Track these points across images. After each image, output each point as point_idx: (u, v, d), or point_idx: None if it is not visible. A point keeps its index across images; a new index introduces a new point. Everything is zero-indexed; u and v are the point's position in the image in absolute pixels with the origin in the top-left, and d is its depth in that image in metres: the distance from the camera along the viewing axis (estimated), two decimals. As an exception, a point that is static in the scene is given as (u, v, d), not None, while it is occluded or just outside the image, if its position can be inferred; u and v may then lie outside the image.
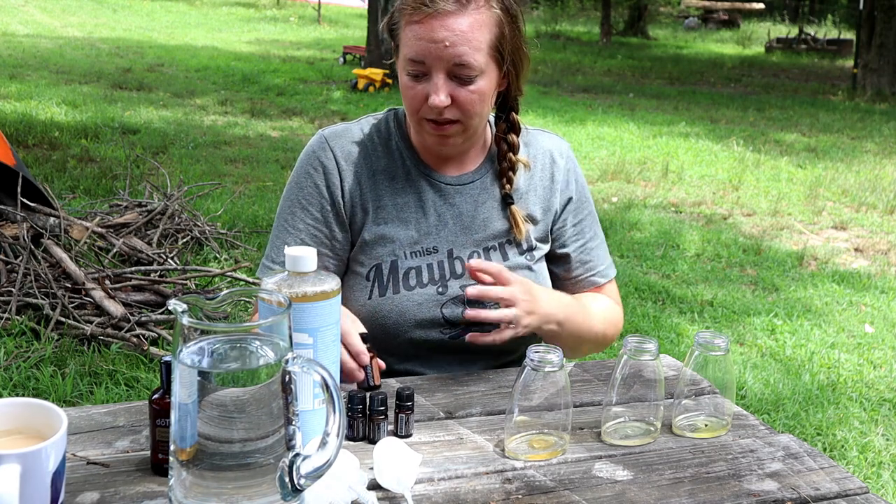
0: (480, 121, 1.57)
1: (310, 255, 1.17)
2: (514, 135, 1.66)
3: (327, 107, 10.39)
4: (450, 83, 1.50)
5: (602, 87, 13.93)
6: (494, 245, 1.64)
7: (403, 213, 1.61)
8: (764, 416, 3.35)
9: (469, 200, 1.64)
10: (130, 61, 13.36)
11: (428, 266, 1.60)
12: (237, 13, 23.65)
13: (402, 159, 1.64)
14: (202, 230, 4.76)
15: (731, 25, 27.29)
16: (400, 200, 1.62)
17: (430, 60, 1.48)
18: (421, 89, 1.51)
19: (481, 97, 1.52)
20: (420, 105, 1.52)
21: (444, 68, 1.48)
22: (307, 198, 1.61)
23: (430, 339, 1.58)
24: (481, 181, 1.66)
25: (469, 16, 1.48)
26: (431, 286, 1.59)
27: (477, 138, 1.65)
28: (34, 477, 0.90)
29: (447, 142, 1.57)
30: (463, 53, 1.47)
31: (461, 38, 1.47)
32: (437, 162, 1.65)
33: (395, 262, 1.59)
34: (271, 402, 0.96)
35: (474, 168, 1.66)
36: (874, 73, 14.56)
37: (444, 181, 1.64)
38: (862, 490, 1.21)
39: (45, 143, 7.39)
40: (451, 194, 1.63)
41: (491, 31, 1.50)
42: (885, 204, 7.02)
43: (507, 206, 1.65)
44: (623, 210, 6.42)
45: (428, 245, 1.61)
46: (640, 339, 1.29)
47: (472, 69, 1.49)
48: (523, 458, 1.23)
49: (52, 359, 3.31)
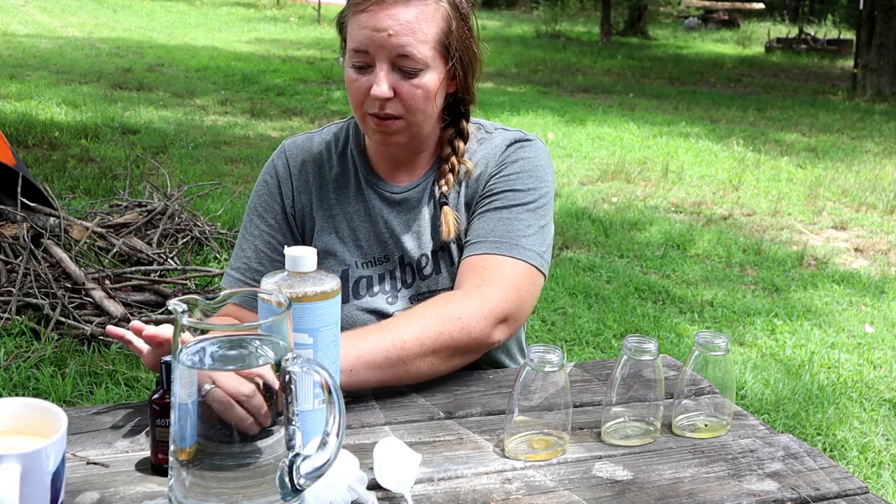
0: (425, 119, 1.53)
1: (309, 255, 1.17)
2: (462, 141, 1.61)
3: (327, 107, 10.39)
4: (392, 75, 1.47)
5: (602, 87, 13.93)
6: (443, 247, 1.61)
7: (353, 222, 1.61)
8: (764, 416, 3.35)
9: (417, 207, 1.61)
10: (130, 61, 13.36)
11: (380, 276, 1.60)
12: (237, 13, 23.65)
13: (354, 168, 1.64)
14: (202, 230, 4.76)
15: (731, 25, 27.28)
16: (350, 209, 1.62)
17: (374, 49, 1.46)
18: (364, 81, 1.48)
19: (425, 93, 1.49)
20: (363, 98, 1.49)
21: (387, 58, 1.46)
22: (263, 205, 1.63)
23: None
24: (424, 185, 1.62)
25: (415, 7, 1.46)
26: (382, 295, 1.59)
27: (425, 141, 1.61)
28: (34, 477, 0.90)
29: (390, 140, 1.53)
30: (406, 44, 1.45)
31: (406, 28, 1.45)
32: (389, 169, 1.63)
33: (346, 271, 1.59)
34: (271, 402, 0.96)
35: (422, 174, 1.63)
36: (874, 73, 14.56)
37: (391, 191, 1.62)
38: (862, 490, 1.21)
39: (45, 143, 7.39)
40: (397, 202, 1.62)
41: (437, 25, 1.48)
42: (885, 204, 7.02)
43: (441, 206, 1.60)
44: (623, 210, 6.42)
45: (379, 254, 1.61)
46: (640, 339, 1.29)
47: (415, 61, 1.46)
48: (523, 458, 1.23)
49: (52, 359, 3.31)
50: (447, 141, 1.62)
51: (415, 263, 1.61)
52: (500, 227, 1.52)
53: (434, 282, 1.60)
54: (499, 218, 1.54)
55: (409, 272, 1.61)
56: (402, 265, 1.61)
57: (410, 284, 1.60)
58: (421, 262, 1.60)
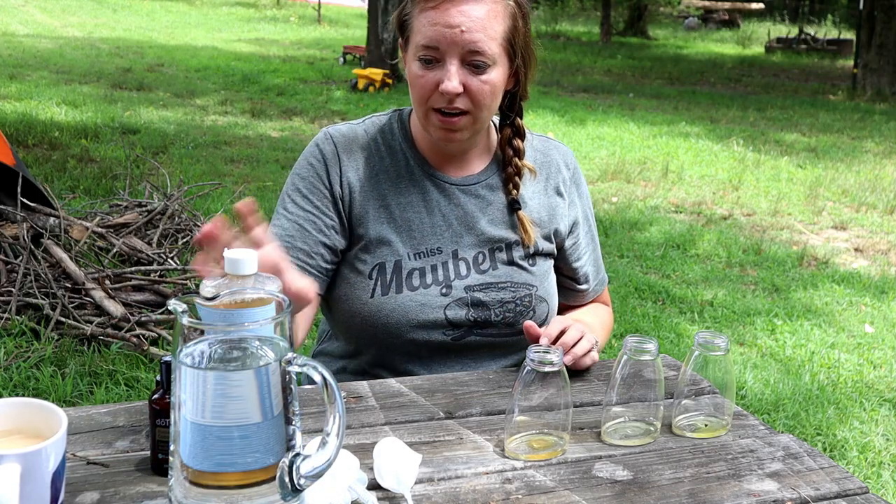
0: (488, 115, 1.55)
1: (250, 257, 1.08)
2: (520, 139, 1.64)
3: (327, 107, 10.39)
4: (462, 71, 1.48)
5: (602, 87, 13.93)
6: (500, 246, 1.62)
7: (407, 212, 1.60)
8: (764, 416, 3.35)
9: (474, 202, 1.62)
10: (130, 61, 13.36)
11: (432, 267, 1.59)
12: (237, 13, 23.65)
13: (405, 159, 1.62)
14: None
15: (731, 25, 27.29)
16: (403, 200, 1.60)
17: (445, 46, 1.47)
18: (432, 76, 1.49)
19: (492, 89, 1.51)
20: (429, 94, 1.50)
21: (458, 54, 1.47)
22: (308, 187, 1.59)
23: (432, 341, 1.58)
24: (487, 182, 1.64)
25: (486, 3, 1.48)
26: (435, 287, 1.58)
27: (480, 137, 1.63)
28: (34, 477, 0.90)
29: (454, 136, 1.54)
30: (478, 40, 1.46)
31: (478, 25, 1.46)
32: (441, 163, 1.63)
33: (399, 262, 1.57)
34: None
35: (479, 171, 1.65)
36: (874, 73, 14.57)
37: (449, 181, 1.62)
38: (862, 490, 1.21)
39: (45, 143, 7.39)
40: (455, 194, 1.62)
41: (505, 23, 1.50)
42: (885, 204, 7.02)
43: (514, 211, 1.63)
44: (623, 210, 6.42)
45: (431, 246, 1.59)
46: (640, 339, 1.29)
47: (485, 57, 1.48)
48: (523, 458, 1.23)
49: (52, 359, 3.31)
50: (507, 141, 1.64)
51: (470, 258, 1.60)
52: (601, 259, 1.81)
53: (491, 276, 1.60)
54: (594, 248, 1.78)
55: (464, 265, 1.60)
56: (455, 258, 1.60)
57: (465, 276, 1.60)
58: (478, 258, 1.61)
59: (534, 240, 1.63)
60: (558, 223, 1.68)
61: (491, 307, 1.59)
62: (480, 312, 1.59)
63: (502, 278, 1.61)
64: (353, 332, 1.61)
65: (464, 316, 1.57)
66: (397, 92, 11.37)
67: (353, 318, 1.58)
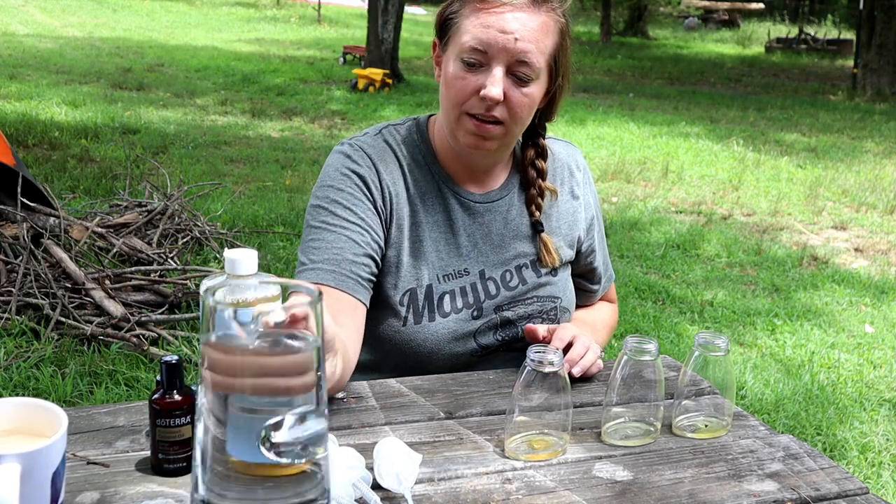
0: (520, 131, 1.51)
1: (249, 257, 1.07)
2: (542, 160, 1.61)
3: (327, 107, 10.39)
4: (506, 80, 1.44)
5: (602, 87, 13.93)
6: (525, 263, 1.60)
7: (434, 232, 1.55)
8: (764, 416, 3.35)
9: (498, 219, 1.59)
10: (130, 61, 13.36)
11: (461, 289, 1.55)
12: (237, 13, 23.65)
13: (430, 175, 1.56)
14: (202, 230, 4.75)
15: (731, 25, 27.30)
16: (431, 219, 1.55)
17: (495, 51, 1.42)
18: (473, 80, 1.44)
19: (531, 103, 1.47)
20: (467, 98, 1.45)
21: (505, 61, 1.43)
22: (347, 199, 1.49)
23: (459, 363, 1.57)
24: (508, 198, 1.60)
25: (542, 15, 1.44)
26: (466, 310, 1.55)
27: (507, 153, 1.59)
28: (34, 477, 0.90)
29: (484, 143, 1.48)
30: (529, 51, 1.42)
31: (531, 35, 1.43)
32: (464, 178, 1.58)
33: (431, 286, 1.53)
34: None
35: (499, 185, 1.61)
36: (874, 73, 14.58)
37: (472, 199, 1.57)
38: (862, 490, 1.21)
39: (45, 143, 7.39)
40: (480, 213, 1.58)
41: (553, 39, 1.47)
42: (885, 204, 7.02)
43: (537, 233, 1.60)
44: (623, 210, 6.42)
45: (459, 267, 1.55)
46: (640, 339, 1.29)
47: (532, 70, 1.44)
48: (523, 458, 1.23)
49: (52, 359, 3.31)
50: (530, 162, 1.60)
51: (498, 277, 1.58)
52: (606, 258, 1.79)
53: (520, 292, 1.59)
54: (603, 248, 1.77)
55: (493, 285, 1.57)
56: (482, 278, 1.57)
57: (495, 296, 1.57)
58: (506, 276, 1.58)
59: (557, 261, 1.62)
60: (579, 229, 1.67)
61: (518, 324, 1.58)
62: (508, 331, 1.58)
63: (529, 294, 1.60)
64: (380, 352, 1.57)
65: (493, 338, 1.57)
66: (397, 92, 11.36)
67: (382, 343, 1.55)
